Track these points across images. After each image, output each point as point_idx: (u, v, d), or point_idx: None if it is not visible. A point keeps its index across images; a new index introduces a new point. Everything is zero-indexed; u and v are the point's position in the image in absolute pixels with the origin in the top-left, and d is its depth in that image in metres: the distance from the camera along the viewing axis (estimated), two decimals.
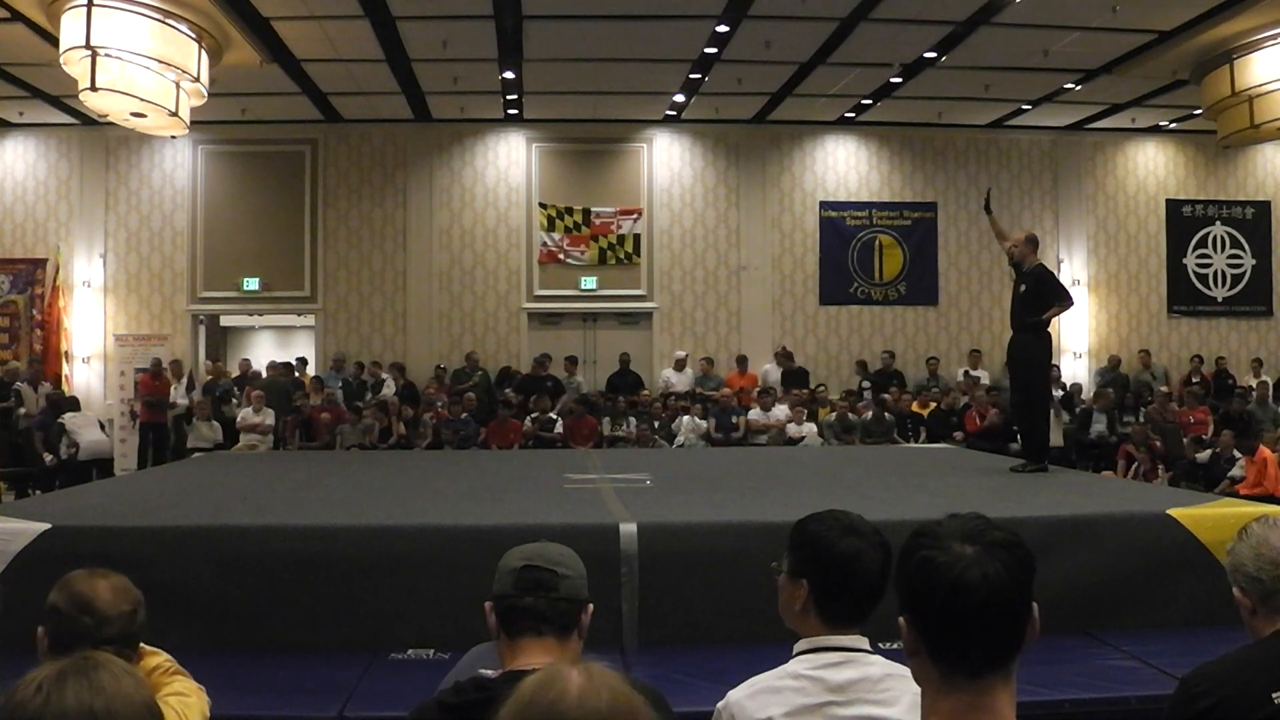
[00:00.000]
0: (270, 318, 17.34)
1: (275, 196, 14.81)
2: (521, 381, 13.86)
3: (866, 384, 14.16)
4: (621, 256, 14.93)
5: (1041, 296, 7.17)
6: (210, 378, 14.12)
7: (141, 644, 2.26)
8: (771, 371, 14.30)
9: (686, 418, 12.73)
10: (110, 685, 1.29)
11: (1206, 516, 4.96)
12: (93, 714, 1.26)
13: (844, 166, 15.32)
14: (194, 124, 11.46)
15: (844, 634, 2.11)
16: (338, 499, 6.21)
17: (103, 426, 12.78)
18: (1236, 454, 10.55)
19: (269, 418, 12.47)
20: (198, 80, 10.17)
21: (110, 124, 12.03)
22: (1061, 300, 7.32)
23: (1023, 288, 7.30)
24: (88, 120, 13.45)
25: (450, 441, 12.21)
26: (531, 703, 1.24)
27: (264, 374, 14.20)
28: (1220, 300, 15.64)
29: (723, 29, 10.98)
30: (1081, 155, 15.57)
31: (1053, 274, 7.38)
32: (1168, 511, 4.99)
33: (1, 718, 1.28)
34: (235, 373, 14.46)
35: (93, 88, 9.40)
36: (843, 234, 15.17)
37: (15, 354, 14.12)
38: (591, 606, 2.14)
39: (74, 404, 12.70)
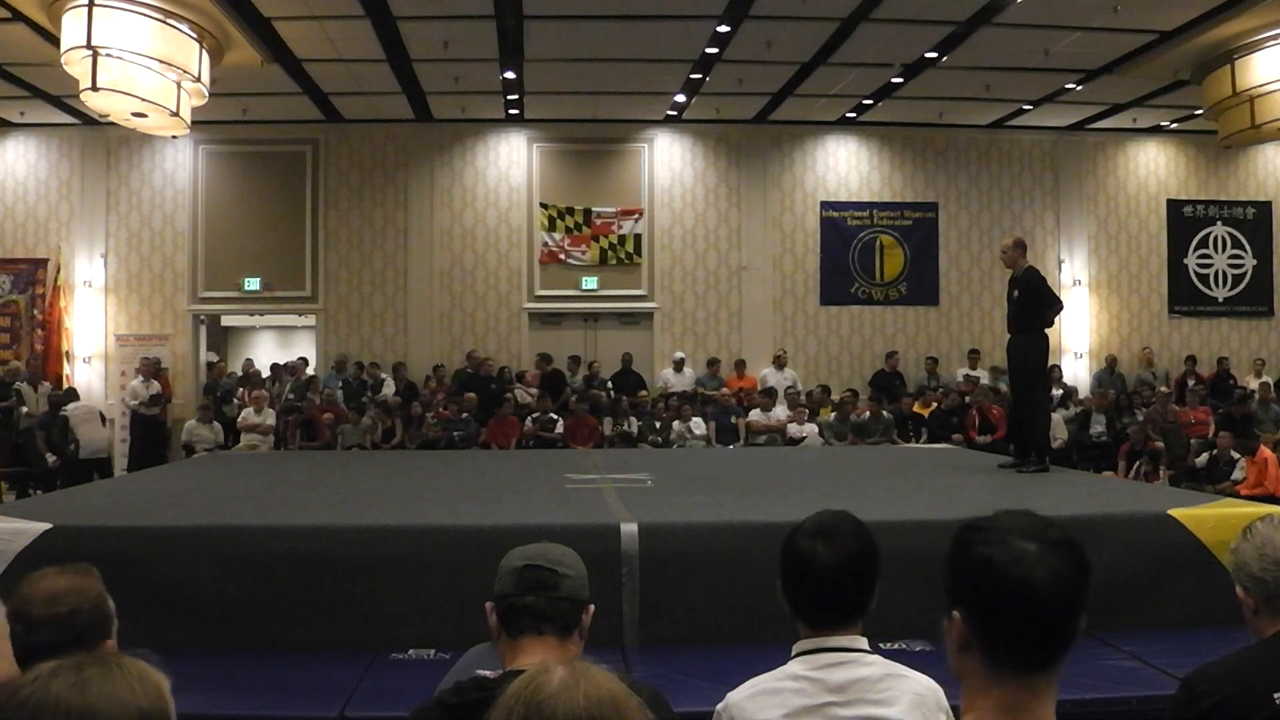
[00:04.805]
0: (271, 318, 17.35)
1: (276, 196, 14.81)
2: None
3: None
4: (622, 257, 14.93)
5: (1034, 301, 7.19)
6: (216, 376, 14.19)
7: None
8: (771, 375, 14.30)
9: (693, 419, 12.73)
10: (98, 685, 1.27)
11: (1207, 517, 4.96)
12: (69, 712, 1.24)
13: (845, 166, 15.32)
14: (195, 124, 11.46)
15: (841, 634, 2.10)
16: (338, 499, 6.21)
17: (103, 418, 12.71)
18: (1235, 455, 10.55)
19: (270, 418, 12.48)
20: (199, 80, 10.17)
21: (111, 124, 12.04)
22: (1054, 304, 7.38)
23: (1015, 293, 7.34)
24: (89, 120, 13.45)
25: (439, 439, 12.19)
26: (512, 697, 1.25)
27: (266, 374, 14.24)
28: (1221, 300, 15.63)
29: (724, 29, 10.97)
30: (1082, 155, 15.56)
31: (1043, 278, 7.41)
32: (1169, 512, 4.99)
33: (2, 705, 1.28)
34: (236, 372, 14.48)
35: (94, 88, 9.40)
36: (843, 234, 15.16)
37: (16, 354, 14.12)
38: (592, 607, 2.14)
39: (72, 395, 12.63)
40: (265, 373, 14.28)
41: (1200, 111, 12.64)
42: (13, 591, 2.11)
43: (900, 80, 12.82)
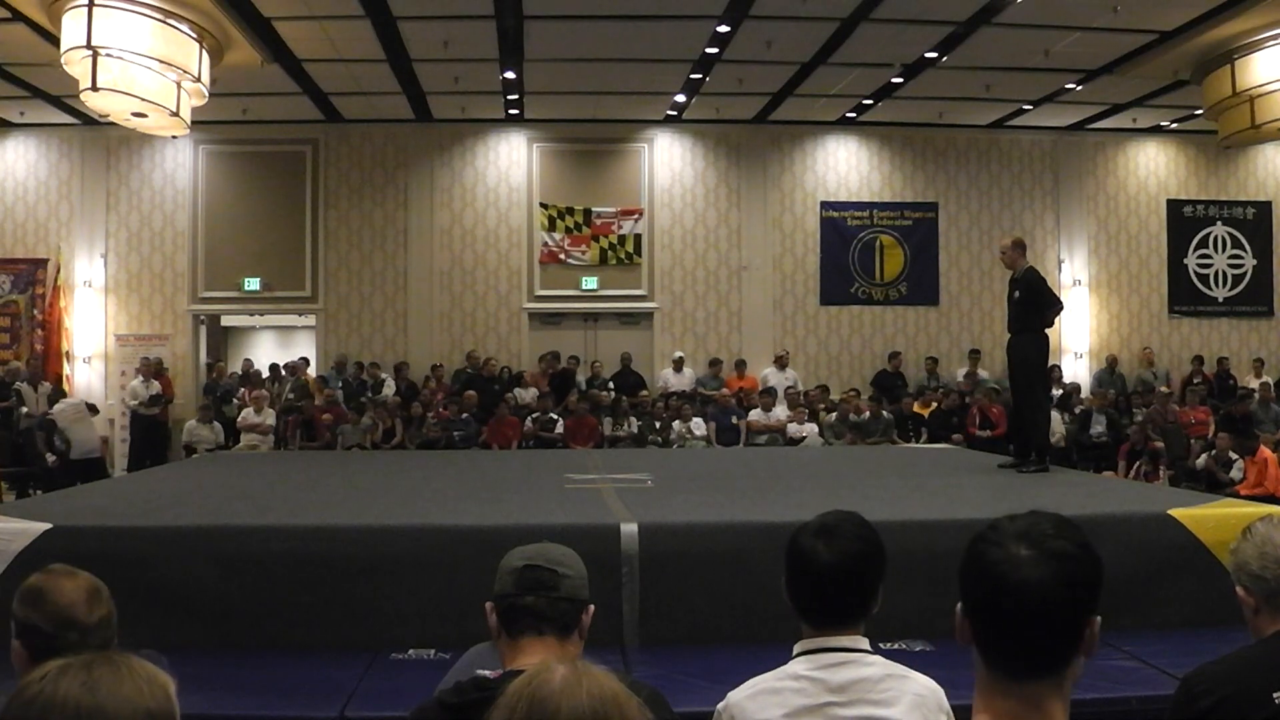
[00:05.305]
0: (271, 318, 17.35)
1: (276, 196, 14.81)
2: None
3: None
4: (622, 257, 14.93)
5: (1034, 301, 7.19)
6: (216, 376, 14.20)
7: None
8: (772, 375, 14.30)
9: (693, 419, 12.73)
10: (108, 685, 1.27)
11: (1207, 517, 4.96)
12: (79, 711, 1.25)
13: (845, 166, 15.32)
14: (195, 124, 11.46)
15: (843, 634, 2.10)
16: (338, 499, 6.21)
17: (92, 409, 12.54)
18: (1233, 455, 10.55)
19: (270, 418, 12.49)
20: (199, 80, 10.16)
21: (111, 124, 12.03)
22: (1054, 305, 7.38)
23: (1016, 293, 7.33)
24: (89, 120, 13.45)
25: (439, 439, 12.20)
26: (514, 694, 1.26)
27: (265, 374, 14.26)
28: (1221, 300, 15.63)
29: (724, 29, 10.97)
30: (1082, 155, 15.56)
31: (1043, 279, 7.42)
32: (1168, 512, 4.99)
33: (9, 702, 1.29)
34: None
35: (94, 88, 9.39)
36: (843, 234, 15.16)
37: (16, 354, 14.11)
38: (592, 607, 2.15)
39: (60, 394, 12.51)
40: (265, 375, 14.29)
41: (1200, 111, 12.64)
42: (38, 599, 2.09)
43: (900, 80, 12.82)
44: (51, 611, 2.06)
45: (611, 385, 13.99)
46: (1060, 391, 13.44)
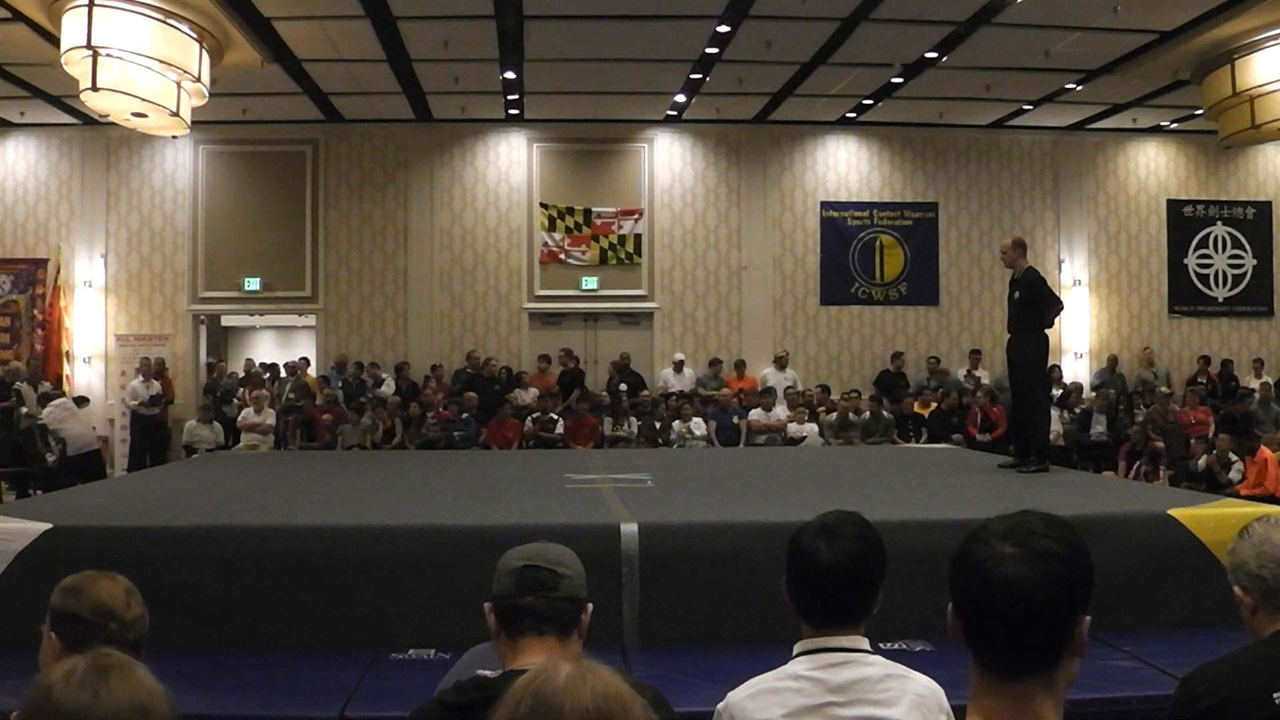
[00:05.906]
0: (271, 318, 17.35)
1: (276, 196, 14.81)
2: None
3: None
4: (622, 257, 14.93)
5: (1034, 301, 7.19)
6: (216, 376, 14.21)
7: None
8: (772, 375, 14.30)
9: (693, 419, 12.73)
10: (147, 680, 1.34)
11: (1207, 517, 4.96)
12: (143, 709, 1.29)
13: (845, 166, 15.32)
14: (195, 124, 11.46)
15: (843, 634, 2.10)
16: (338, 499, 6.21)
17: (81, 401, 12.41)
18: (1232, 457, 10.54)
19: (270, 418, 12.49)
20: (199, 80, 10.17)
21: (111, 124, 12.04)
22: (1054, 305, 7.38)
23: (1016, 294, 7.34)
24: (89, 120, 13.45)
25: (439, 439, 12.20)
26: (518, 692, 1.26)
27: (265, 374, 14.27)
28: (1221, 300, 15.63)
29: (724, 29, 10.98)
30: (1082, 155, 15.56)
31: (1043, 279, 7.42)
32: (1168, 512, 4.99)
33: (40, 715, 1.29)
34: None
35: (94, 88, 9.40)
36: (844, 234, 15.17)
37: (16, 354, 14.11)
38: (591, 606, 2.15)
39: (50, 396, 12.46)
40: (265, 375, 14.30)
41: (1200, 111, 12.64)
42: (79, 592, 2.16)
43: (900, 80, 12.82)
44: (93, 603, 2.14)
45: (624, 386, 13.95)
46: (1060, 391, 13.45)
